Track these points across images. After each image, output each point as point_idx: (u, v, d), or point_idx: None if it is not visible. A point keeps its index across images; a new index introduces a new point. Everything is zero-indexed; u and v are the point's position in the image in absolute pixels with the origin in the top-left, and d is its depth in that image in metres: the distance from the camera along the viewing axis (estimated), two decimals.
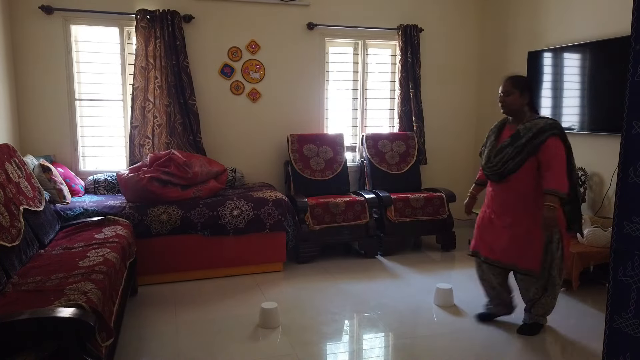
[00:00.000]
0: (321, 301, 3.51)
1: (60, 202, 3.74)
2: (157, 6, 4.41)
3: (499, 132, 3.01)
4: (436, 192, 4.80)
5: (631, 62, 1.68)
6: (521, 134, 2.81)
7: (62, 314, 1.86)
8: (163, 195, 3.80)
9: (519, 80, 2.91)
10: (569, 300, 3.53)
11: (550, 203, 2.67)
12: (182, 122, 4.50)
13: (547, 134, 2.76)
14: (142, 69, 4.38)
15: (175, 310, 3.33)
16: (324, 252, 4.54)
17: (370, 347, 2.94)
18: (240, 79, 4.80)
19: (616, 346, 1.80)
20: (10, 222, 2.59)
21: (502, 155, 2.85)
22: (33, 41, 4.25)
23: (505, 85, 2.90)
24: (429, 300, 3.51)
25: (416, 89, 5.15)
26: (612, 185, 3.78)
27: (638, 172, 1.69)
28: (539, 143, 2.76)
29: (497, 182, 2.94)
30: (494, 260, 3.00)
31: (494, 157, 2.89)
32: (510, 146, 2.83)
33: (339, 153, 4.90)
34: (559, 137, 2.79)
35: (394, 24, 5.11)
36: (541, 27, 4.60)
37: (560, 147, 2.78)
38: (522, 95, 2.87)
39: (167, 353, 2.75)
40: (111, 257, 2.72)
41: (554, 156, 2.74)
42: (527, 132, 2.79)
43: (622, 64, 2.36)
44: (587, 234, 3.60)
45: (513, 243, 2.89)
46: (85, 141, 4.55)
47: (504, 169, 2.85)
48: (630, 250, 1.73)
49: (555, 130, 2.78)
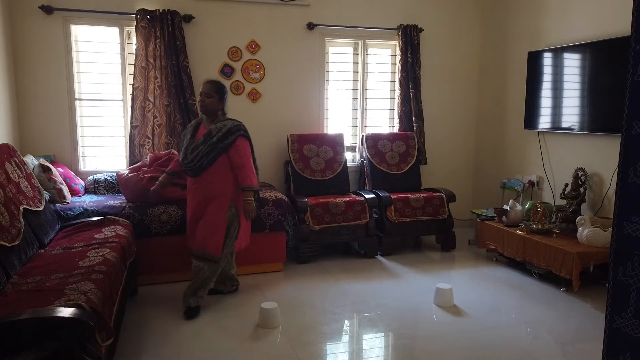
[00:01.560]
0: (321, 301, 3.51)
1: (60, 202, 3.74)
2: (157, 6, 4.41)
3: (195, 130, 3.31)
4: (436, 192, 4.80)
5: (631, 62, 1.68)
6: (213, 133, 3.16)
7: (62, 314, 1.86)
8: (163, 195, 3.80)
9: (220, 86, 3.27)
10: (569, 300, 3.53)
11: (249, 198, 3.22)
12: (182, 122, 4.50)
13: (235, 135, 3.18)
14: (142, 68, 4.38)
15: (175, 310, 3.32)
16: (324, 252, 4.54)
17: (370, 347, 2.94)
18: (240, 79, 4.80)
19: (616, 346, 1.80)
20: (10, 222, 2.59)
21: (197, 153, 3.15)
22: (33, 41, 4.25)
23: (208, 88, 3.22)
24: (429, 300, 3.51)
25: (416, 89, 5.15)
26: (612, 185, 3.78)
27: (638, 172, 1.69)
28: (230, 143, 3.16)
29: (193, 176, 3.26)
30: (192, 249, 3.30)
31: (190, 153, 3.19)
32: (204, 144, 3.15)
33: (339, 153, 4.90)
34: (245, 137, 3.24)
35: (394, 24, 5.11)
36: (541, 27, 4.60)
37: (247, 146, 3.25)
38: (220, 100, 3.24)
39: (167, 353, 2.75)
40: (111, 257, 2.72)
41: (243, 155, 3.20)
42: (218, 132, 3.16)
43: (622, 64, 2.36)
44: (587, 234, 3.60)
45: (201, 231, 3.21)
46: (85, 141, 4.56)
47: (200, 165, 3.17)
48: (630, 250, 1.73)
49: (241, 131, 3.22)
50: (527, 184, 4.71)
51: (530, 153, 4.78)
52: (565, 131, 4.30)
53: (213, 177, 3.20)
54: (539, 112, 4.52)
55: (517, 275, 4.06)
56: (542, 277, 3.89)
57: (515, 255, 4.03)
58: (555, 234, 3.93)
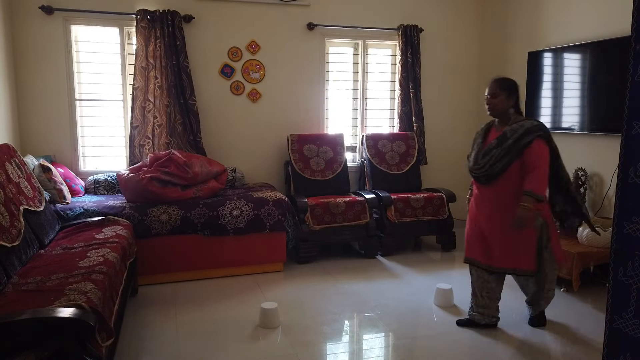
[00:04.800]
0: (321, 301, 3.51)
1: (60, 202, 3.74)
2: (157, 6, 4.41)
3: (486, 134, 3.04)
4: (436, 192, 4.80)
5: (631, 62, 1.68)
6: (508, 135, 2.82)
7: (62, 314, 1.86)
8: (163, 195, 3.80)
9: (506, 82, 2.94)
10: (569, 300, 3.53)
11: (525, 203, 2.70)
12: (182, 122, 4.50)
13: (532, 135, 2.78)
14: (142, 69, 4.38)
15: (175, 310, 3.33)
16: (324, 252, 4.54)
17: (370, 347, 2.94)
18: (241, 79, 4.80)
19: (616, 346, 1.80)
20: (11, 222, 2.59)
21: (490, 157, 2.86)
22: (33, 41, 4.25)
23: (492, 87, 2.93)
24: (429, 300, 3.51)
25: (416, 89, 5.15)
26: (612, 185, 3.78)
27: (638, 172, 1.69)
28: (525, 144, 2.78)
29: (485, 184, 2.94)
30: (490, 265, 2.98)
31: (482, 158, 2.91)
32: (498, 147, 2.84)
33: (339, 153, 4.90)
34: (544, 139, 2.82)
35: (394, 24, 5.11)
36: (541, 27, 4.60)
37: (545, 149, 2.81)
38: (508, 98, 2.90)
39: (167, 353, 2.75)
40: (111, 257, 2.72)
41: (537, 158, 2.77)
42: (514, 133, 2.81)
43: (622, 64, 2.36)
44: (587, 234, 3.60)
45: (508, 247, 2.90)
46: (85, 141, 4.56)
47: (492, 171, 2.85)
48: (631, 251, 1.73)
49: (541, 132, 2.81)
50: None
51: None
52: (565, 131, 4.30)
53: (510, 184, 2.83)
54: (539, 112, 4.52)
55: None
56: None
57: None
58: None
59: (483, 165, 2.88)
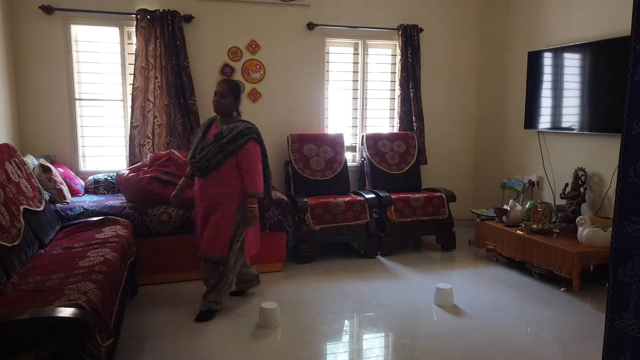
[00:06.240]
0: (321, 301, 3.51)
1: (60, 202, 3.74)
2: (157, 6, 4.41)
3: (207, 129, 3.23)
4: (436, 192, 4.80)
5: (631, 62, 1.68)
6: (224, 134, 3.08)
7: (62, 314, 1.86)
8: (163, 195, 3.80)
9: (235, 87, 3.18)
10: (569, 300, 3.53)
11: (250, 205, 3.10)
12: (182, 122, 4.50)
13: (246, 137, 3.08)
14: (142, 68, 4.38)
15: (175, 310, 3.32)
16: (324, 252, 4.54)
17: (370, 347, 2.94)
18: (241, 79, 4.79)
19: (616, 346, 1.80)
20: (10, 222, 2.59)
21: (205, 153, 3.07)
22: (33, 41, 4.25)
23: (223, 87, 3.14)
24: (429, 300, 3.51)
25: (416, 89, 5.15)
26: (612, 185, 3.78)
27: (638, 172, 1.69)
28: (239, 145, 3.07)
29: (201, 177, 3.17)
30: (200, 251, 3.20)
31: (199, 153, 3.10)
32: (213, 144, 3.07)
33: (339, 153, 4.90)
34: (256, 140, 3.14)
35: (394, 24, 5.11)
36: (541, 27, 4.60)
37: (257, 150, 3.15)
38: (235, 101, 3.16)
39: (167, 353, 2.75)
40: (111, 257, 2.72)
41: (251, 160, 3.10)
42: (229, 133, 3.07)
43: (622, 64, 2.36)
44: (588, 234, 3.60)
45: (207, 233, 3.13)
46: (85, 141, 4.56)
47: (207, 165, 3.08)
48: (631, 250, 1.73)
49: (253, 134, 3.12)
50: (527, 184, 4.71)
51: (531, 153, 4.78)
52: (565, 131, 4.30)
53: (221, 180, 3.11)
54: (539, 112, 4.52)
55: (517, 275, 4.06)
56: (542, 277, 3.88)
57: (516, 255, 4.03)
58: (555, 234, 3.92)
59: (199, 159, 3.10)
